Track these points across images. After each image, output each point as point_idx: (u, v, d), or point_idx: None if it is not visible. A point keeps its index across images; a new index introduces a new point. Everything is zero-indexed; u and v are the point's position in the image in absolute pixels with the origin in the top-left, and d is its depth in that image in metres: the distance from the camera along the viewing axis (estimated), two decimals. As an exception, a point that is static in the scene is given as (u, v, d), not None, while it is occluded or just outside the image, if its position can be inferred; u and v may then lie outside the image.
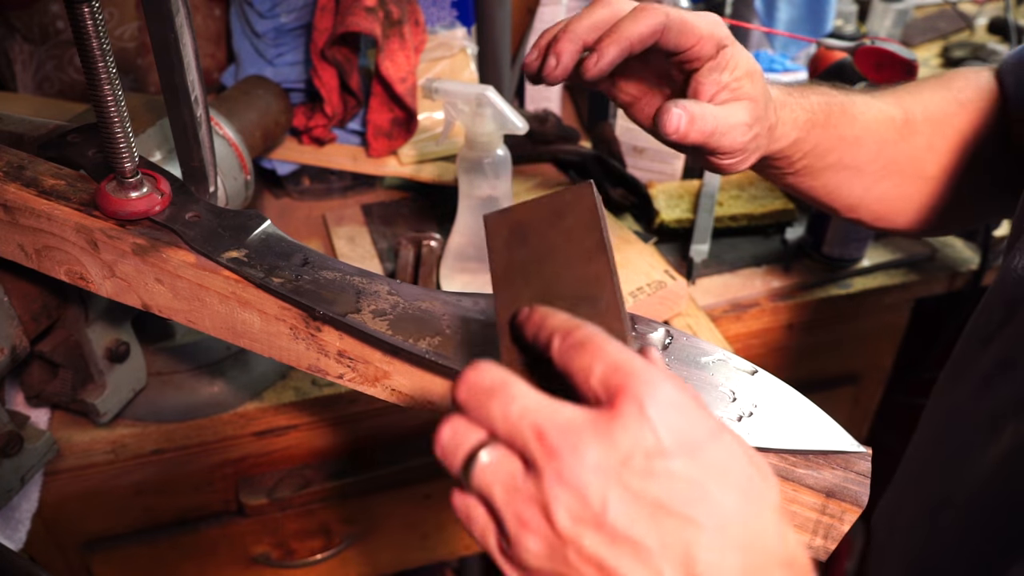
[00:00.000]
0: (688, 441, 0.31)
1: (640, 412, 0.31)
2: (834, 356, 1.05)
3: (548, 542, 0.31)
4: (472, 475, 0.33)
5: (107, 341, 0.71)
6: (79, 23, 0.46)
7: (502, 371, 0.33)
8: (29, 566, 0.55)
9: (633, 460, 0.31)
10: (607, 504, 0.30)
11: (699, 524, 0.30)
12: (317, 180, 1.05)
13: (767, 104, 0.52)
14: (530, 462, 0.32)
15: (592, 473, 0.30)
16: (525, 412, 0.32)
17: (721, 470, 0.32)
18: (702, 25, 0.50)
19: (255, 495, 0.85)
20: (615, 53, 0.49)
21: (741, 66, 0.50)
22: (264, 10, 1.02)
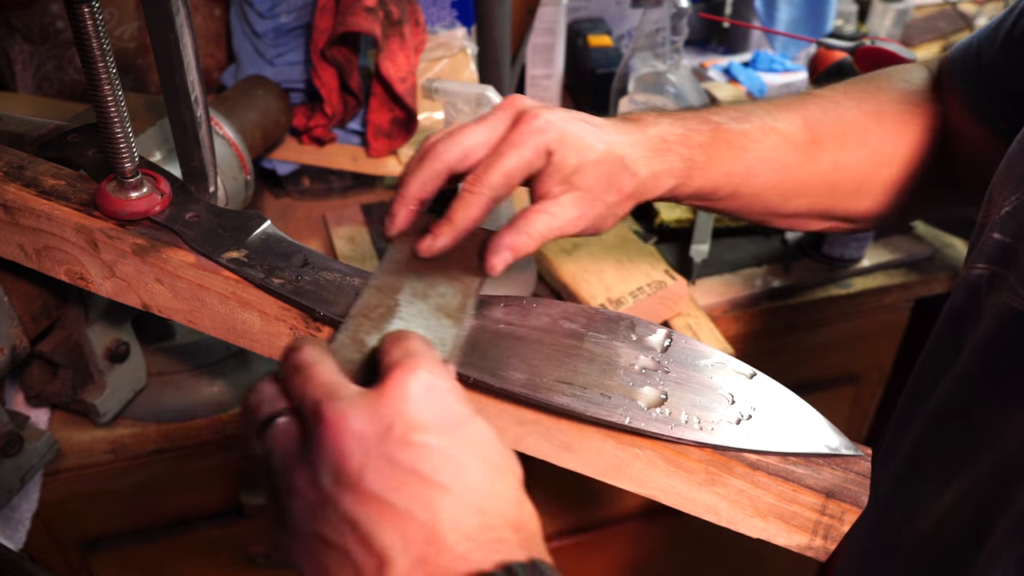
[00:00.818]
0: (443, 419, 0.35)
1: (402, 390, 0.35)
2: (834, 356, 1.05)
3: (309, 503, 0.34)
4: (263, 434, 0.37)
5: (107, 341, 0.71)
6: (79, 23, 0.46)
7: (318, 350, 0.38)
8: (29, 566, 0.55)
9: (393, 432, 0.34)
10: (364, 468, 0.33)
11: (445, 488, 0.33)
12: (317, 180, 1.05)
13: (613, 177, 0.53)
14: (307, 432, 0.35)
15: (353, 440, 0.33)
16: (316, 387, 0.35)
17: (470, 445, 0.35)
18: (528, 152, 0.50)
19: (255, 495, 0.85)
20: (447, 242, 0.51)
21: (570, 163, 0.51)
22: (264, 10, 1.02)
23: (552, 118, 0.51)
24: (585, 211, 0.53)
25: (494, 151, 0.50)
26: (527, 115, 0.51)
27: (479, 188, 0.50)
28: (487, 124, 0.51)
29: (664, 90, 0.99)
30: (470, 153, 0.51)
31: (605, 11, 1.26)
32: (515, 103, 0.52)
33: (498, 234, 0.51)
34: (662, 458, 0.46)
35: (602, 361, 0.48)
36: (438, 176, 0.51)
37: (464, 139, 0.51)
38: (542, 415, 0.48)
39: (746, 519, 0.47)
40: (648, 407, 0.46)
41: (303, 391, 0.36)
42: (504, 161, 0.50)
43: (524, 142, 0.50)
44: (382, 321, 0.45)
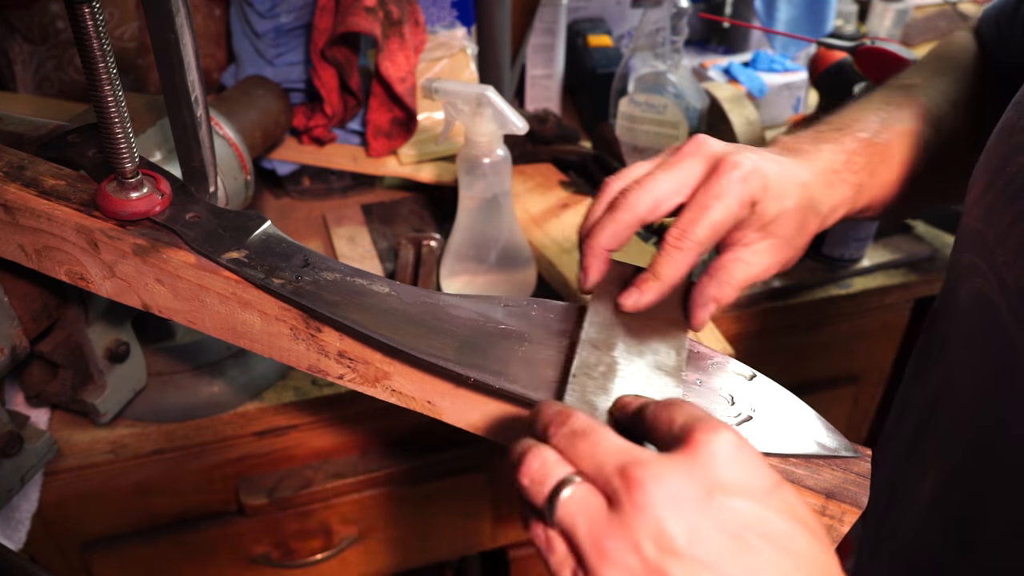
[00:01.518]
0: (761, 482, 0.34)
1: (713, 451, 0.34)
2: (834, 356, 1.05)
3: (630, 572, 0.32)
4: (557, 506, 0.34)
5: (107, 341, 0.71)
6: (79, 23, 0.46)
7: (590, 418, 0.37)
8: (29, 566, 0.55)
9: (714, 494, 0.33)
10: (690, 534, 0.32)
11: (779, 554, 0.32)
12: (317, 180, 1.05)
13: (805, 221, 0.52)
14: (614, 498, 0.33)
15: (674, 503, 0.32)
16: (611, 452, 0.34)
17: (790, 509, 0.34)
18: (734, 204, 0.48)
19: (255, 495, 0.85)
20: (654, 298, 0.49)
21: (770, 212, 0.49)
22: (264, 10, 1.02)
23: (752, 166, 0.48)
24: (778, 258, 0.52)
25: (697, 203, 0.48)
26: (726, 163, 0.48)
27: (685, 244, 0.48)
28: (680, 170, 0.49)
29: (664, 90, 0.99)
30: (663, 202, 0.48)
31: (605, 11, 1.26)
32: (704, 147, 0.49)
33: (701, 286, 0.50)
34: (662, 458, 0.46)
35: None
36: (629, 227, 0.49)
37: (656, 188, 0.48)
38: (542, 415, 0.48)
39: (746, 519, 0.47)
40: (648, 407, 0.46)
41: (596, 456, 0.34)
42: (710, 214, 0.47)
43: (728, 193, 0.47)
44: (606, 381, 0.44)
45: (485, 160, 0.80)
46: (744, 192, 0.48)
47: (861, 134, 0.57)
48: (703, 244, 0.48)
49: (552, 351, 0.48)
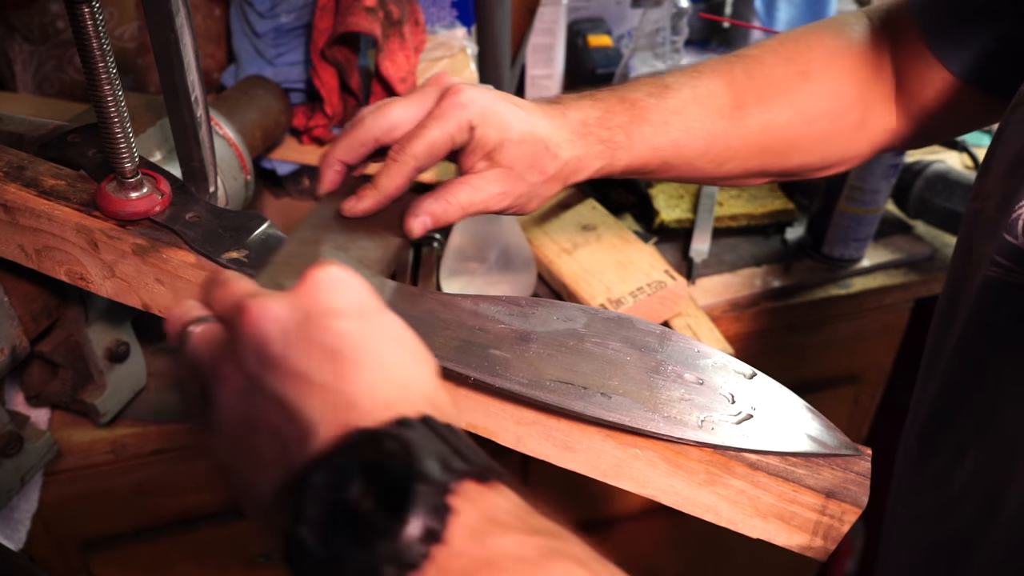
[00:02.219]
0: (358, 307, 0.37)
1: (317, 281, 0.37)
2: (834, 356, 1.05)
3: (237, 389, 0.35)
4: (186, 340, 0.38)
5: (107, 341, 0.71)
6: (79, 23, 0.46)
7: (234, 274, 0.40)
8: (29, 566, 0.55)
9: (311, 316, 0.35)
10: (287, 349, 0.34)
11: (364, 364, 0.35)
12: (317, 180, 1.04)
13: (535, 157, 0.55)
14: (230, 328, 0.37)
15: (275, 325, 0.35)
16: (234, 292, 0.38)
17: (386, 331, 0.37)
18: (451, 125, 0.52)
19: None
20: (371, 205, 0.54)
21: (492, 139, 0.54)
22: (264, 10, 1.02)
23: (475, 95, 0.53)
24: (508, 188, 0.55)
25: (419, 124, 0.53)
26: (451, 91, 0.53)
27: (403, 157, 0.53)
28: (414, 99, 0.54)
29: (664, 90, 0.99)
30: (397, 126, 0.54)
31: (605, 11, 1.26)
32: (441, 80, 0.55)
33: (420, 199, 0.54)
34: (662, 458, 0.46)
35: (602, 361, 0.48)
36: (364, 145, 0.54)
37: (391, 112, 0.54)
38: (542, 415, 0.48)
39: (746, 519, 0.47)
40: (648, 407, 0.46)
41: (224, 298, 0.38)
42: (427, 132, 0.52)
43: (447, 115, 0.52)
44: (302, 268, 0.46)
45: (485, 160, 0.80)
46: (461, 116, 0.53)
47: (632, 95, 0.60)
48: (419, 159, 0.53)
49: (552, 350, 0.48)
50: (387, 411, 0.34)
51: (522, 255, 0.87)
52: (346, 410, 0.34)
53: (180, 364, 0.39)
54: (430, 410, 0.35)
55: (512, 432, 0.49)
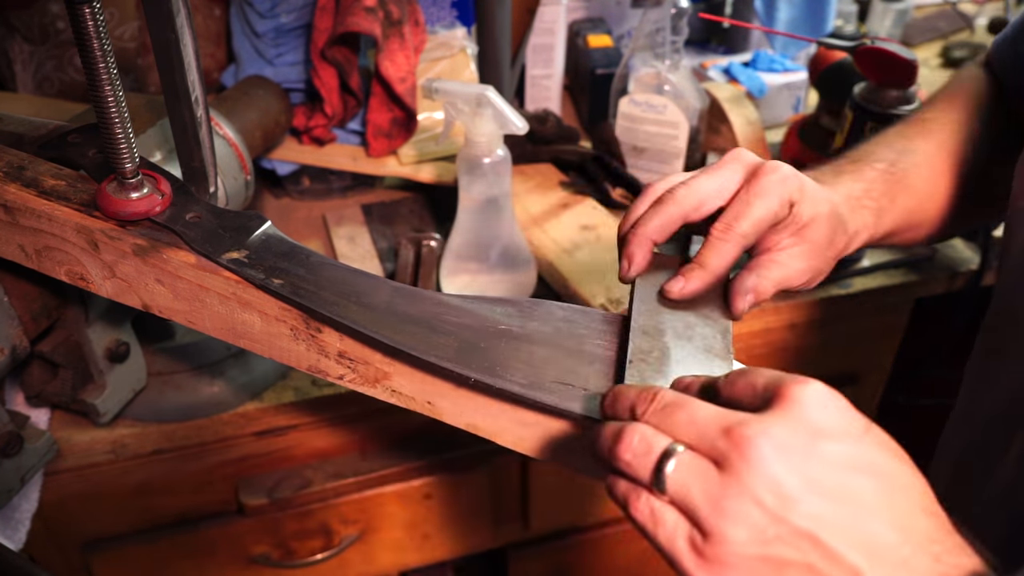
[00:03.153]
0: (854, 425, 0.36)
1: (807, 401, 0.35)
2: (834, 356, 1.05)
3: (754, 526, 0.34)
4: (666, 475, 0.35)
5: (107, 341, 0.71)
6: (79, 23, 0.46)
7: (677, 392, 0.39)
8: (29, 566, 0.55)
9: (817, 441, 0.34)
10: (805, 482, 0.33)
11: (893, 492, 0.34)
12: (317, 180, 1.05)
13: (835, 232, 0.55)
14: (722, 460, 0.35)
15: (785, 454, 0.34)
16: (710, 417, 0.36)
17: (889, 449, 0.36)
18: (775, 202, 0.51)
19: (255, 495, 0.85)
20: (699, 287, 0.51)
21: (806, 215, 0.52)
22: (264, 10, 1.02)
23: (791, 170, 0.52)
24: (810, 264, 0.54)
25: (740, 200, 0.51)
26: (766, 167, 0.51)
27: (731, 236, 0.50)
28: (721, 174, 0.52)
29: (664, 90, 0.99)
30: (706, 201, 0.51)
31: (605, 11, 1.26)
32: (743, 156, 0.53)
33: (741, 278, 0.52)
34: (662, 459, 0.46)
35: (602, 362, 0.48)
36: (674, 222, 0.52)
37: (701, 187, 0.51)
38: (542, 416, 0.48)
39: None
40: (648, 408, 0.46)
41: (694, 424, 0.36)
42: (753, 210, 0.50)
43: (770, 192, 0.50)
44: (662, 365, 0.46)
45: (485, 160, 0.80)
46: (784, 192, 0.51)
47: (878, 164, 0.61)
48: (747, 237, 0.51)
49: (552, 351, 0.48)
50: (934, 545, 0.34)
51: (522, 255, 0.87)
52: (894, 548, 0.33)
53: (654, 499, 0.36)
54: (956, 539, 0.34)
55: (512, 433, 0.49)
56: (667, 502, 0.36)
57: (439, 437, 0.90)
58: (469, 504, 0.97)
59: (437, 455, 0.91)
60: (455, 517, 0.98)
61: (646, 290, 0.52)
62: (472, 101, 0.77)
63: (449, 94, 0.78)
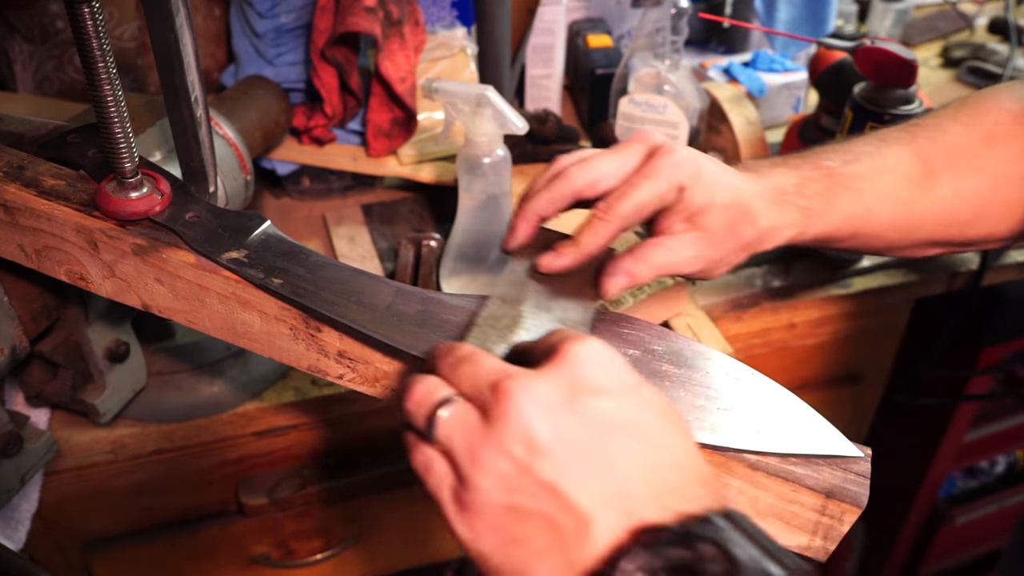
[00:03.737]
0: (621, 382, 0.37)
1: (577, 357, 0.36)
2: (834, 356, 1.05)
3: (501, 476, 0.35)
4: (437, 423, 0.37)
5: (107, 341, 0.71)
6: (79, 23, 0.46)
7: (474, 347, 0.40)
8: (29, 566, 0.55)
9: (577, 396, 0.35)
10: (556, 434, 0.34)
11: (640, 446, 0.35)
12: (317, 180, 1.05)
13: (738, 223, 0.53)
14: (486, 411, 0.36)
15: (540, 408, 0.35)
16: (488, 371, 0.37)
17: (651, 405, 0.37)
18: (662, 185, 0.50)
19: (255, 495, 0.85)
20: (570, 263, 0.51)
21: (699, 200, 0.51)
22: (264, 10, 1.02)
23: (687, 155, 0.51)
24: (703, 253, 0.53)
25: (628, 181, 0.50)
26: (662, 149, 0.51)
27: (609, 216, 0.50)
28: (620, 154, 0.52)
29: (664, 90, 0.99)
30: (600, 180, 0.51)
31: (605, 11, 1.26)
32: (647, 137, 0.52)
33: (617, 259, 0.51)
34: (662, 458, 0.46)
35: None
36: (564, 198, 0.52)
37: (596, 166, 0.51)
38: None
39: (746, 519, 0.47)
40: (648, 407, 0.46)
41: (474, 376, 0.37)
42: (637, 192, 0.50)
43: (658, 175, 0.50)
44: (508, 332, 0.46)
45: (485, 160, 0.80)
46: (674, 175, 0.50)
47: (826, 162, 0.58)
48: (626, 219, 0.50)
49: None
50: (671, 496, 0.34)
51: (522, 255, 0.87)
52: (628, 498, 0.34)
53: (427, 448, 0.37)
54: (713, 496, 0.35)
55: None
56: (439, 451, 0.37)
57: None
58: (469, 504, 0.96)
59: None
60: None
61: (521, 262, 0.52)
62: (472, 101, 0.77)
63: (449, 94, 0.78)
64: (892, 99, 0.84)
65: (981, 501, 1.48)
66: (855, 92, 0.86)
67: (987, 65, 1.30)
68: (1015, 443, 1.47)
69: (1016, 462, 1.57)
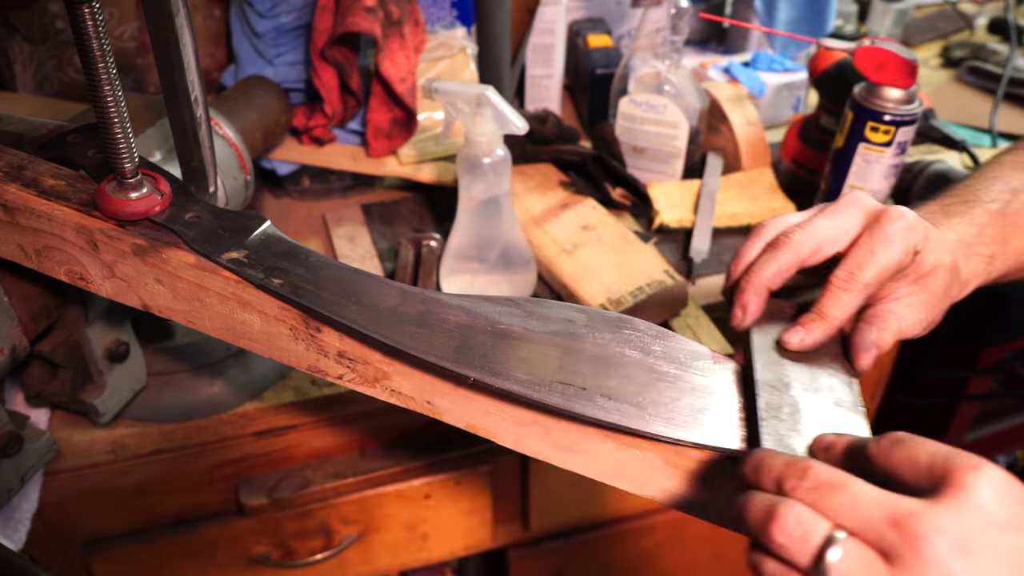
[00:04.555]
0: None
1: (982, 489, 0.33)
2: (834, 356, 1.05)
3: None
4: (829, 567, 0.33)
5: (107, 341, 0.71)
6: (79, 23, 0.46)
7: (832, 468, 0.36)
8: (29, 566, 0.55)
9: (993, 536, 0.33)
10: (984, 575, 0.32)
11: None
12: (317, 180, 1.05)
13: (952, 282, 0.53)
14: (892, 554, 0.33)
15: (962, 553, 0.32)
16: (874, 504, 0.34)
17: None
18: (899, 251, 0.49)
19: (255, 495, 0.85)
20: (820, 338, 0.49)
21: (928, 264, 0.50)
22: (264, 10, 1.02)
23: (915, 217, 0.50)
24: (926, 315, 0.52)
25: (863, 247, 0.49)
26: (891, 212, 0.49)
27: (853, 286, 0.48)
28: (840, 217, 0.50)
29: (664, 90, 0.99)
30: (824, 247, 0.50)
31: (605, 11, 1.26)
32: (862, 200, 0.51)
33: (862, 332, 0.50)
34: (661, 459, 0.46)
35: (601, 362, 0.48)
36: (790, 268, 0.50)
37: (819, 231, 0.50)
38: (541, 416, 0.48)
39: (746, 519, 0.47)
40: (647, 408, 0.46)
41: (855, 509, 0.34)
42: (877, 259, 0.48)
43: (895, 240, 0.48)
44: (794, 421, 0.44)
45: (485, 160, 0.80)
46: (909, 240, 0.49)
47: (991, 205, 0.57)
48: (870, 287, 0.48)
49: (552, 351, 0.48)
50: None
51: (522, 255, 0.87)
52: None
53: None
54: None
55: (512, 433, 0.49)
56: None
57: (439, 437, 0.90)
58: (469, 504, 0.97)
59: (437, 455, 0.91)
60: (455, 517, 0.98)
61: (762, 339, 0.50)
62: (472, 101, 0.77)
63: (449, 94, 0.78)
64: (892, 99, 0.84)
65: (981, 501, 1.48)
66: (855, 92, 0.86)
67: (987, 65, 1.30)
68: (1015, 443, 1.47)
69: (1016, 462, 1.57)
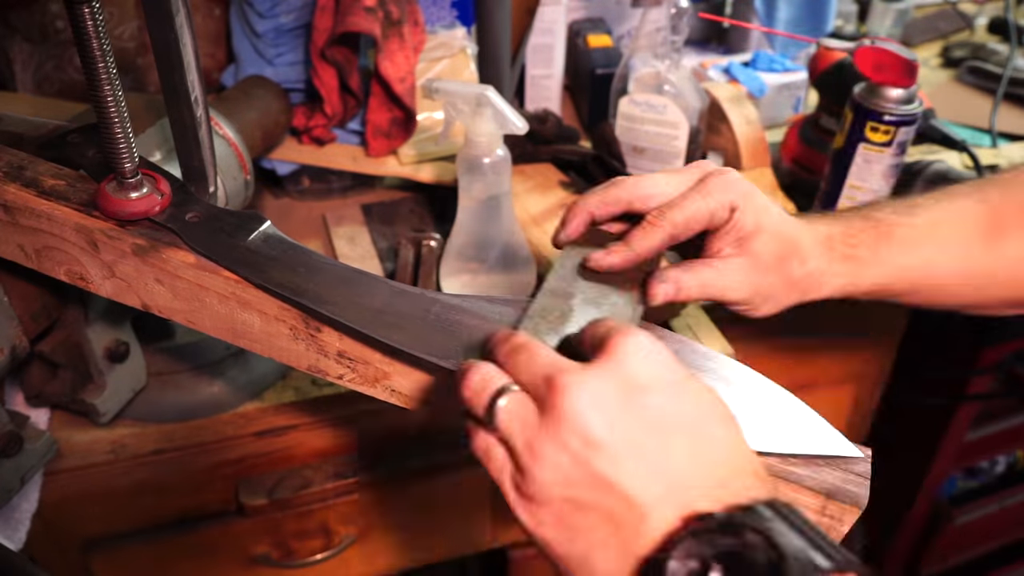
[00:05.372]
0: (671, 376, 0.38)
1: (627, 353, 0.37)
2: (834, 356, 1.05)
3: (559, 469, 0.36)
4: (496, 412, 0.38)
5: (107, 341, 0.71)
6: (79, 23, 0.46)
7: (529, 336, 0.41)
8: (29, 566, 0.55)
9: (630, 392, 0.36)
10: (611, 429, 0.35)
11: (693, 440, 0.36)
12: (317, 180, 1.05)
13: (786, 256, 0.54)
14: (542, 404, 0.37)
15: (595, 403, 0.36)
16: (542, 363, 0.38)
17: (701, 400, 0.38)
18: (713, 202, 0.51)
19: (255, 495, 0.85)
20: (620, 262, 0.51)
21: (748, 225, 0.52)
22: (264, 10, 1.02)
23: (740, 177, 0.52)
24: (749, 279, 0.53)
25: (682, 195, 0.52)
26: (718, 171, 0.52)
27: (661, 221, 0.51)
28: (675, 174, 0.53)
29: (664, 90, 0.99)
30: (654, 196, 0.52)
31: (605, 11, 1.26)
32: (703, 163, 0.54)
33: (667, 268, 0.53)
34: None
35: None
36: (617, 203, 0.53)
37: (651, 181, 0.53)
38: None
39: (746, 519, 0.47)
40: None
41: (530, 367, 0.38)
42: (689, 203, 0.51)
43: (711, 192, 0.51)
44: (559, 324, 0.47)
45: (485, 160, 0.80)
46: (726, 195, 0.51)
47: (876, 214, 0.57)
48: (677, 226, 0.51)
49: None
50: (722, 489, 0.35)
51: (522, 255, 0.87)
52: (681, 490, 0.35)
53: (487, 435, 0.39)
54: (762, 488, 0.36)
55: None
56: (498, 438, 0.38)
57: (439, 437, 0.90)
58: (469, 504, 0.97)
59: (437, 455, 0.91)
60: (455, 517, 0.98)
61: (570, 258, 0.53)
62: (472, 101, 0.77)
63: (449, 94, 0.78)
64: (892, 99, 0.84)
65: (981, 501, 1.48)
66: (855, 92, 0.86)
67: (987, 65, 1.30)
68: (1015, 443, 1.47)
69: (1016, 462, 1.57)
